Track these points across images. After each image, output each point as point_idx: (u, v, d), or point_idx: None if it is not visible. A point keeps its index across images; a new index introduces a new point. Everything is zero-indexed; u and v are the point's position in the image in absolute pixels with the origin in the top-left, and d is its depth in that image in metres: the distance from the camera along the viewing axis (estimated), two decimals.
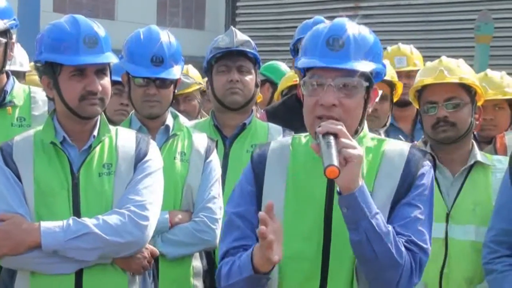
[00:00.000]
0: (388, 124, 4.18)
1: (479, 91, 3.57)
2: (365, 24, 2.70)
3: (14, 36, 3.77)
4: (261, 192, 2.62)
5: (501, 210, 3.17)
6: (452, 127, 3.47)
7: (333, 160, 2.29)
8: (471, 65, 3.82)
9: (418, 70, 4.22)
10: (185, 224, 3.47)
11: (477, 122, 3.62)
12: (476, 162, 3.51)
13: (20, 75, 5.04)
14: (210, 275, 3.62)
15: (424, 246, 2.50)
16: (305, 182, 2.57)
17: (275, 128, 3.99)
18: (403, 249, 2.43)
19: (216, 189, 3.54)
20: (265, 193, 2.61)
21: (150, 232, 3.00)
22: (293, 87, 5.76)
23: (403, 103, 4.73)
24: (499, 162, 3.50)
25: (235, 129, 3.93)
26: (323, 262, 2.51)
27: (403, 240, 2.45)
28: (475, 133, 4.36)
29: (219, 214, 3.51)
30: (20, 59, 5.22)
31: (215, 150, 3.63)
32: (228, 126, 3.95)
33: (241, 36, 3.95)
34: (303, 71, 2.60)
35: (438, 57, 3.75)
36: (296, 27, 5.02)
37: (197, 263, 3.57)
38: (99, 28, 3.06)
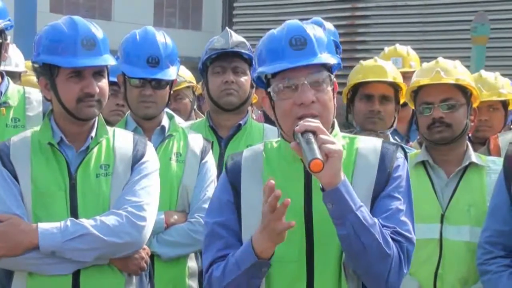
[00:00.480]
0: (394, 125, 4.19)
1: (475, 92, 3.58)
2: (362, 25, 2.73)
3: (8, 37, 3.78)
4: (239, 201, 2.62)
5: (495, 211, 3.18)
6: (447, 128, 3.47)
7: (316, 153, 2.31)
8: (467, 66, 3.83)
9: (413, 72, 4.22)
10: (181, 225, 3.48)
11: (472, 124, 3.63)
12: (471, 163, 3.51)
13: (15, 76, 5.05)
14: None
15: (409, 235, 2.52)
16: (281, 185, 2.53)
17: (271, 128, 4.00)
18: (390, 240, 2.45)
19: (212, 190, 3.52)
20: (243, 201, 2.61)
21: (148, 232, 3.01)
22: None
23: None
24: (494, 163, 3.50)
25: (230, 130, 3.94)
26: (308, 263, 2.53)
27: (389, 232, 2.46)
28: (469, 134, 4.37)
29: None
30: (16, 59, 5.21)
31: (210, 151, 3.63)
32: (223, 126, 3.96)
33: (236, 37, 3.96)
34: (262, 81, 2.62)
35: (435, 58, 3.75)
36: None
37: (193, 264, 3.58)
38: (97, 30, 3.06)
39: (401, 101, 4.20)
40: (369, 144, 2.63)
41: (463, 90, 3.53)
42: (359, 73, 4.17)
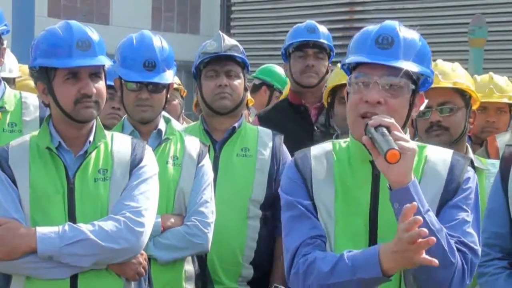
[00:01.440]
0: None
1: (474, 95, 3.58)
2: (360, 28, 2.73)
3: (5, 42, 3.77)
4: (312, 198, 2.60)
5: (492, 214, 3.17)
6: (445, 132, 3.47)
7: (393, 144, 2.30)
8: (465, 69, 3.83)
9: None
10: (177, 228, 3.47)
11: (471, 126, 3.62)
12: None
13: (9, 82, 5.01)
14: (202, 279, 3.63)
15: (475, 247, 2.49)
16: (351, 185, 2.57)
17: (265, 131, 4.01)
18: (455, 248, 2.42)
19: (208, 193, 3.54)
20: (315, 197, 2.59)
21: (145, 238, 3.00)
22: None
23: None
24: (493, 166, 3.49)
25: (225, 133, 3.94)
26: None
27: (453, 241, 2.43)
28: (470, 135, 4.37)
29: (211, 218, 3.52)
30: (10, 65, 5.16)
31: (207, 155, 3.63)
32: (217, 130, 3.95)
33: (229, 41, 3.96)
34: (349, 72, 2.61)
35: (433, 61, 3.75)
36: None
37: (189, 267, 3.57)
38: (92, 32, 3.06)
39: None
40: (439, 154, 2.62)
41: (462, 93, 3.53)
42: (337, 76, 4.14)
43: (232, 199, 3.79)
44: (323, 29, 4.88)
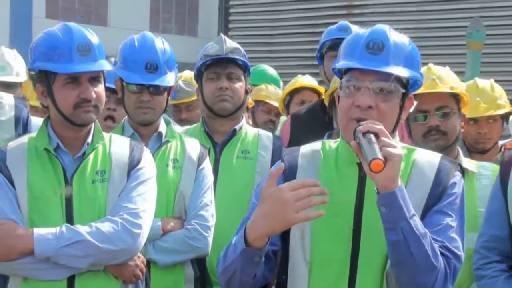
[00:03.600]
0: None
1: (466, 98, 3.60)
2: None
3: None
4: None
5: (491, 217, 3.18)
6: (443, 136, 3.48)
7: (377, 153, 2.33)
8: (462, 72, 3.83)
9: None
10: (177, 232, 3.47)
11: (462, 130, 3.64)
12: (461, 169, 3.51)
13: (16, 86, 4.97)
14: (201, 281, 3.63)
15: (458, 252, 2.52)
16: (336, 186, 2.58)
17: (266, 134, 4.02)
18: (439, 253, 2.44)
19: (209, 197, 3.54)
20: None
21: (143, 240, 3.00)
22: (295, 92, 5.91)
23: None
24: (484, 169, 3.51)
25: (225, 136, 3.94)
26: (351, 267, 2.53)
27: (437, 246, 2.46)
28: (466, 143, 4.36)
29: (212, 221, 3.52)
30: (17, 69, 5.09)
31: (207, 157, 3.63)
32: (218, 132, 3.96)
33: (231, 44, 3.96)
34: (340, 74, 2.64)
35: (424, 64, 3.74)
36: (288, 34, 5.08)
37: (189, 270, 3.56)
38: (92, 35, 3.06)
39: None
40: (427, 158, 2.64)
41: (455, 97, 3.55)
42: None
43: (232, 201, 3.78)
44: (355, 28, 4.89)
